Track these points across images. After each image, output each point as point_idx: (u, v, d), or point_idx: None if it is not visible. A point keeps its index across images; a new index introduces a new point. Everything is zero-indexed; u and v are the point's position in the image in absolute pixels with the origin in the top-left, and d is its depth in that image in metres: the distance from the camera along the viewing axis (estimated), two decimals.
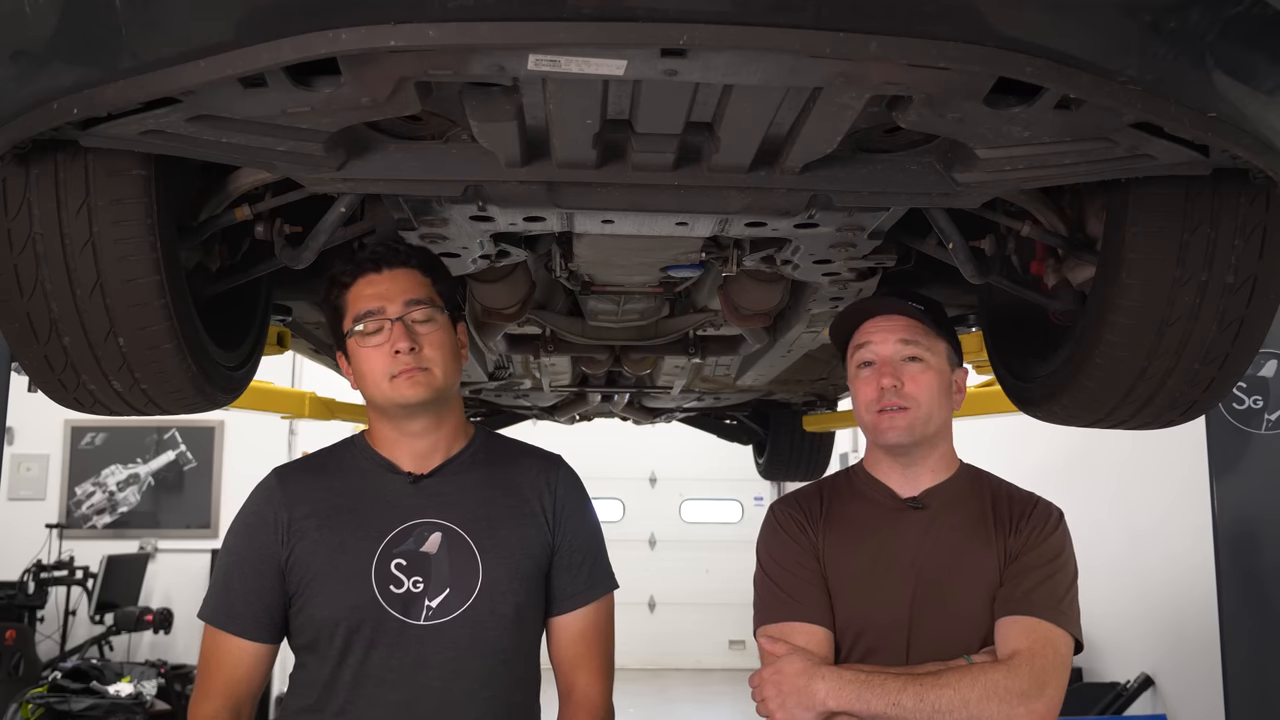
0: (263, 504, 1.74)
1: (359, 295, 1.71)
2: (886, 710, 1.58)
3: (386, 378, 1.68)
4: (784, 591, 1.77)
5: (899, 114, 1.35)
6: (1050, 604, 1.66)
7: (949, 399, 1.80)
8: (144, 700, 6.41)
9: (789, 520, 1.84)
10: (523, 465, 1.82)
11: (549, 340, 3.08)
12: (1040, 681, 1.60)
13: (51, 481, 9.27)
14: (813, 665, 1.66)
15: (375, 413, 1.76)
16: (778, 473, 6.36)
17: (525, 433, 5.60)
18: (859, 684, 1.61)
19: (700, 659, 11.17)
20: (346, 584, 1.65)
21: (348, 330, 1.72)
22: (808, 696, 1.62)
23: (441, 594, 1.65)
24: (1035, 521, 1.75)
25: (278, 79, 1.17)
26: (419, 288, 1.72)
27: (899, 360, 1.77)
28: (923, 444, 1.78)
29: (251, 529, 1.73)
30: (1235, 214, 1.68)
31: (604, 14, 1.06)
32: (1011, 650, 1.63)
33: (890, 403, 1.75)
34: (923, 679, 1.60)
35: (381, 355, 1.68)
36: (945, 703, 1.57)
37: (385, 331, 1.69)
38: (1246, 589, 3.63)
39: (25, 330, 1.68)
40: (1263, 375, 3.68)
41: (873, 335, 1.80)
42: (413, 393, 1.68)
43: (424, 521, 1.69)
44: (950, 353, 1.82)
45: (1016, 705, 1.57)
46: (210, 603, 1.74)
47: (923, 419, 1.75)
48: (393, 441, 1.75)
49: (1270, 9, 1.17)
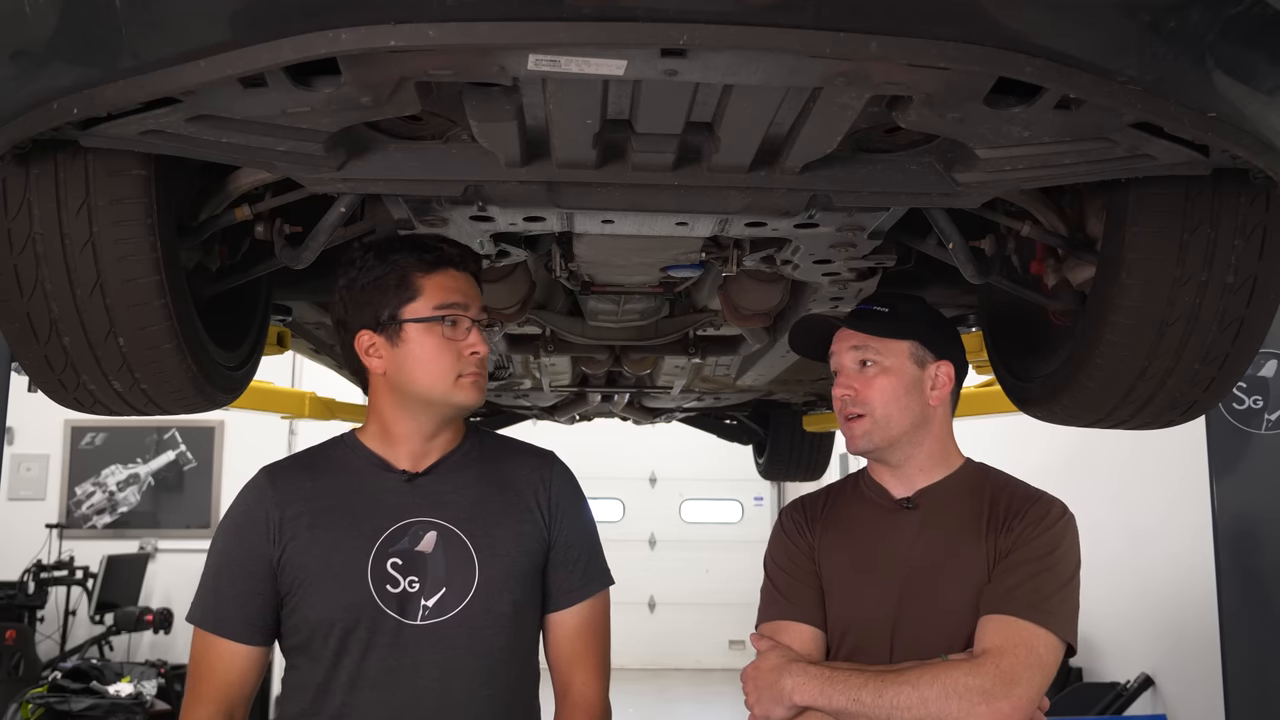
0: (253, 503, 1.70)
1: (441, 285, 1.68)
2: (847, 705, 1.59)
3: (453, 375, 1.67)
4: (779, 592, 1.81)
5: (899, 114, 1.35)
6: (1033, 602, 1.64)
7: (915, 397, 1.78)
8: (144, 700, 6.41)
9: (790, 523, 1.87)
10: (517, 462, 1.81)
11: (549, 340, 3.08)
12: (1007, 680, 1.57)
13: (51, 481, 9.28)
14: (785, 661, 1.68)
15: (398, 405, 1.71)
16: (778, 473, 6.36)
17: (525, 433, 5.62)
18: (823, 680, 1.63)
19: (700, 659, 11.17)
20: (342, 584, 1.63)
21: (420, 316, 1.67)
22: (777, 691, 1.65)
23: (438, 593, 1.64)
24: (1030, 519, 1.73)
25: (278, 79, 1.17)
26: (482, 297, 1.75)
27: (853, 368, 1.80)
28: (895, 446, 1.78)
29: (241, 529, 1.69)
30: (1235, 214, 1.68)
31: (604, 14, 1.06)
32: (983, 648, 1.62)
33: (849, 411, 1.79)
34: (884, 675, 1.60)
35: (453, 351, 1.67)
36: (904, 699, 1.56)
37: (463, 329, 1.68)
38: (1246, 589, 3.63)
39: (25, 330, 1.68)
40: (1263, 375, 3.67)
41: (834, 344, 1.85)
42: (477, 397, 1.69)
43: (419, 520, 1.67)
44: (917, 350, 1.80)
45: (978, 703, 1.55)
46: (199, 605, 1.70)
47: (880, 423, 1.76)
48: (396, 438, 1.72)
49: (1270, 9, 1.17)
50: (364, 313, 1.69)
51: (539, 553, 1.74)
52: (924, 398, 1.79)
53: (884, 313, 1.82)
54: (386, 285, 1.67)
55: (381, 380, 1.71)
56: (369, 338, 1.69)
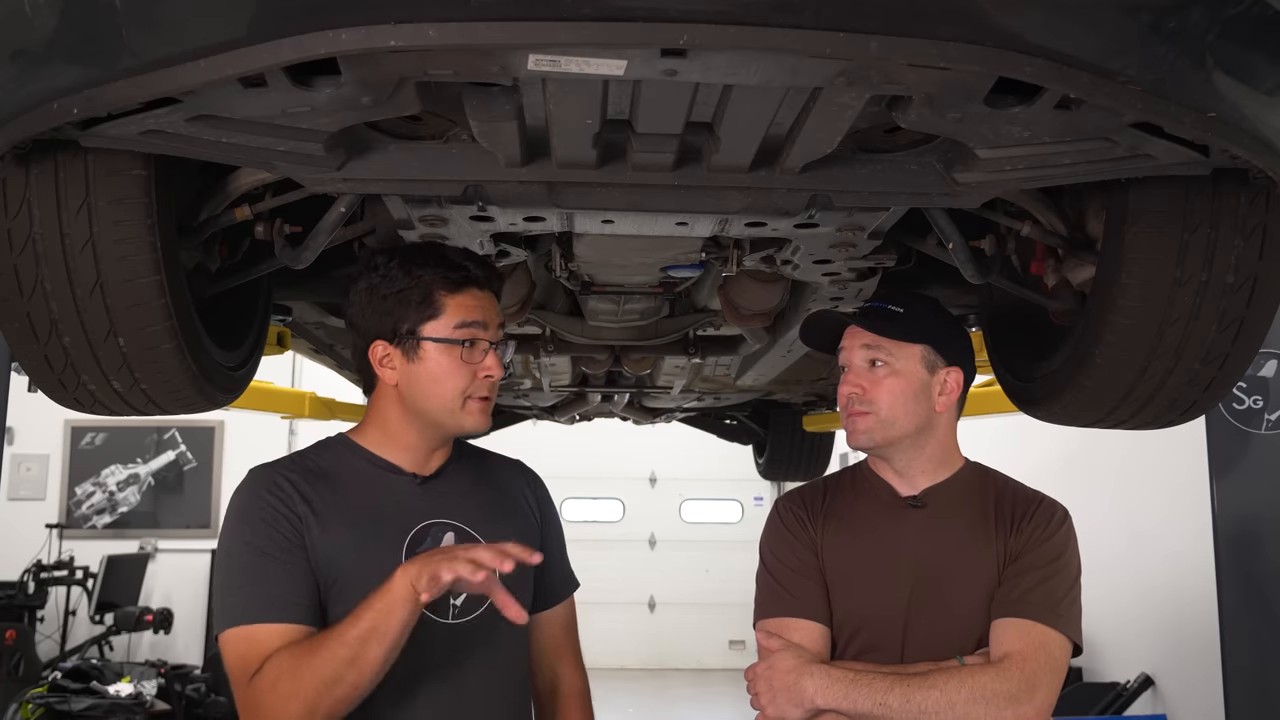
0: (273, 497, 1.60)
1: (465, 303, 1.65)
2: (873, 709, 1.58)
3: (462, 395, 1.65)
4: (782, 587, 1.79)
5: (899, 114, 1.35)
6: (1047, 606, 1.66)
7: (922, 401, 1.78)
8: (144, 700, 6.41)
9: (790, 515, 1.85)
10: (500, 467, 1.86)
11: (549, 340, 3.08)
12: (1030, 685, 1.59)
13: (51, 481, 9.29)
14: (803, 662, 1.67)
15: (405, 417, 1.68)
16: (778, 473, 6.36)
17: (525, 432, 5.61)
18: (847, 682, 1.62)
19: (700, 659, 11.17)
20: (378, 584, 1.54)
21: (440, 336, 1.63)
22: (797, 693, 1.64)
23: (463, 593, 1.63)
24: (1038, 521, 1.74)
25: (278, 79, 1.17)
26: (500, 316, 1.72)
27: (863, 366, 1.79)
28: (895, 446, 1.78)
29: (273, 520, 1.58)
30: (1235, 214, 1.68)
31: (604, 14, 1.06)
32: (1004, 652, 1.63)
33: (854, 409, 1.79)
34: (910, 679, 1.60)
35: (467, 373, 1.64)
36: (932, 704, 1.57)
37: (480, 350, 1.66)
38: (1246, 589, 3.63)
39: (25, 330, 1.68)
40: (1263, 375, 3.68)
41: (845, 340, 1.84)
42: (483, 423, 1.68)
43: (437, 522, 1.67)
44: (928, 354, 1.79)
45: (1004, 708, 1.57)
46: (232, 605, 1.55)
47: (884, 423, 1.76)
48: (400, 445, 1.69)
49: (1270, 9, 1.17)
50: (382, 322, 1.66)
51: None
52: (930, 402, 1.79)
53: (898, 313, 1.80)
54: (409, 300, 1.64)
55: (392, 391, 1.69)
56: (384, 348, 1.66)
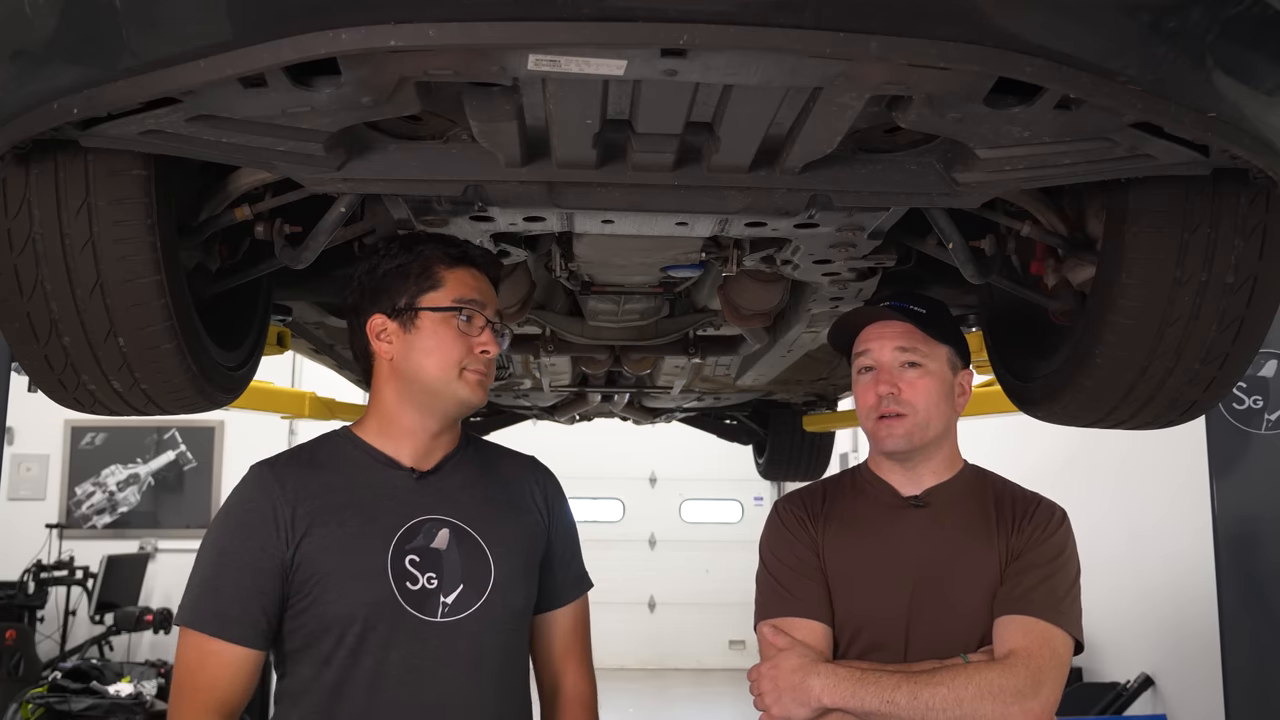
0: (260, 499, 1.62)
1: (463, 280, 1.69)
2: (880, 708, 1.58)
3: (458, 368, 1.66)
4: (784, 587, 1.78)
5: (899, 114, 1.35)
6: (1050, 604, 1.66)
7: (949, 403, 1.79)
8: (144, 700, 6.40)
9: (790, 516, 1.85)
10: (509, 463, 1.84)
11: (549, 340, 3.08)
12: (1036, 681, 1.60)
13: (51, 481, 9.28)
14: (809, 661, 1.67)
15: (401, 395, 1.69)
16: (778, 473, 6.36)
17: (525, 432, 5.61)
18: (854, 681, 1.62)
19: (700, 659, 11.17)
20: (363, 581, 1.59)
21: (438, 305, 1.66)
22: (803, 692, 1.63)
23: (455, 590, 1.63)
24: (1038, 521, 1.75)
25: (278, 79, 1.17)
26: (497, 303, 1.75)
27: (896, 367, 1.77)
28: (923, 448, 1.78)
29: (248, 525, 1.60)
30: (1235, 214, 1.68)
31: (604, 14, 1.06)
32: (1008, 649, 1.63)
33: (888, 410, 1.75)
34: (917, 677, 1.60)
35: (464, 345, 1.67)
36: (939, 701, 1.57)
37: (477, 326, 1.68)
38: (1246, 589, 3.64)
39: (25, 330, 1.68)
40: (1263, 375, 3.68)
41: (872, 342, 1.81)
42: (480, 395, 1.69)
43: (432, 518, 1.66)
44: (952, 356, 1.81)
45: (1011, 704, 1.57)
46: (193, 606, 1.58)
47: (920, 425, 1.75)
48: (399, 434, 1.69)
49: (1270, 9, 1.17)
50: (380, 298, 1.69)
51: (540, 550, 1.76)
52: (954, 404, 1.80)
53: (922, 314, 1.80)
54: (409, 272, 1.68)
55: (387, 367, 1.69)
56: (382, 322, 1.68)
